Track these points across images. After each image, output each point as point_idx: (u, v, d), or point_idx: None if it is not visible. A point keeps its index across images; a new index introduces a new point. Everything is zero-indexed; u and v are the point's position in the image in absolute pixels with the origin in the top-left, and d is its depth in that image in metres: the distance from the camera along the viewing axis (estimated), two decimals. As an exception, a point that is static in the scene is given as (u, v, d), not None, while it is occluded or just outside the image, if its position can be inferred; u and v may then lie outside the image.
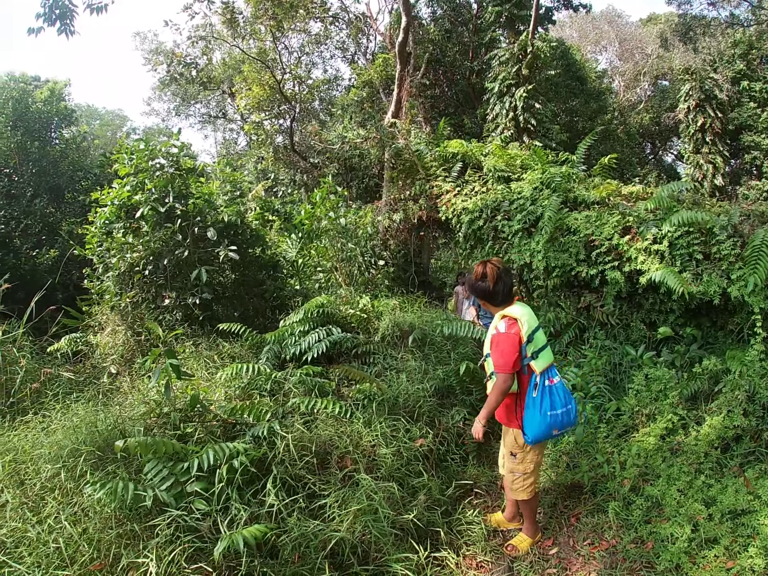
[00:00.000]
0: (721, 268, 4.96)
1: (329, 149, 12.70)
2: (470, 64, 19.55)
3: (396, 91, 10.62)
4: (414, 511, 3.54)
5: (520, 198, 6.64)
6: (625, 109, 26.12)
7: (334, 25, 20.38)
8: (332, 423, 4.22)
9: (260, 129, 14.61)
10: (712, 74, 18.57)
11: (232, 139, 30.35)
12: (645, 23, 33.45)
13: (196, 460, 3.33)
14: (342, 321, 6.21)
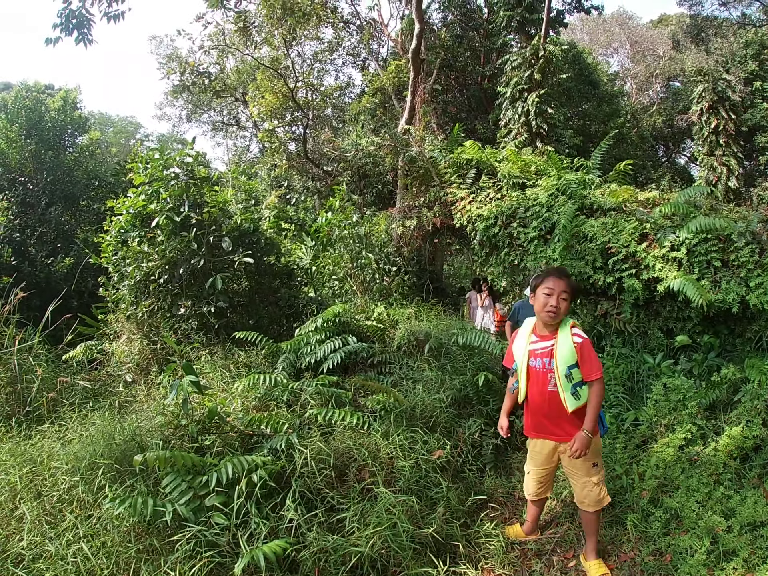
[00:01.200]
0: (740, 275, 4.91)
1: (343, 156, 12.71)
2: (482, 68, 19.58)
3: (410, 97, 10.63)
4: (433, 525, 3.50)
5: (536, 205, 6.61)
6: (637, 112, 25.98)
7: (345, 31, 20.45)
8: (350, 435, 4.19)
9: (273, 137, 14.67)
10: (725, 75, 18.41)
11: (245, 147, 30.50)
12: (656, 25, 33.27)
13: (215, 473, 3.31)
14: (357, 330, 6.20)
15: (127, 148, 31.26)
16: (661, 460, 4.08)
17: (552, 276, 3.26)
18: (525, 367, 3.36)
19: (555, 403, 3.28)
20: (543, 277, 3.32)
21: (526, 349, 3.37)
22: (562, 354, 3.22)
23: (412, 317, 6.75)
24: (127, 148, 30.73)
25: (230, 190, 7.89)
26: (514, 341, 3.56)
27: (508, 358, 3.61)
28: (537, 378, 3.33)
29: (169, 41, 26.68)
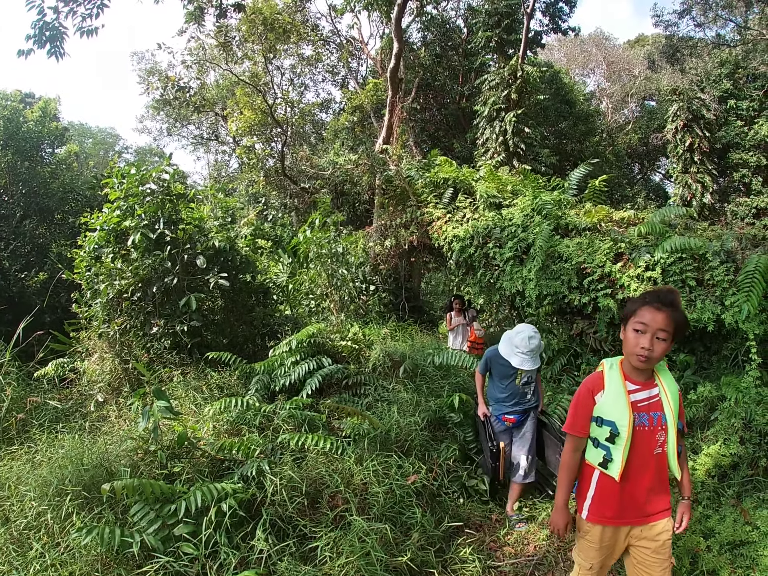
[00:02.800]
0: (715, 294, 4.93)
1: (320, 174, 12.71)
2: (460, 88, 19.79)
3: (387, 117, 10.66)
4: (408, 553, 3.43)
5: (511, 225, 6.63)
6: (613, 131, 26.48)
7: (325, 48, 20.56)
8: (323, 460, 4.11)
9: (251, 153, 14.63)
10: (699, 94, 18.80)
11: (224, 162, 30.38)
12: (632, 45, 33.97)
13: (183, 502, 3.22)
14: (332, 350, 6.12)
15: (105, 160, 30.95)
16: (639, 479, 4.06)
17: (648, 307, 2.31)
18: (630, 428, 2.38)
19: (660, 471, 2.47)
20: (637, 305, 2.38)
21: (627, 403, 2.39)
22: (672, 404, 2.44)
23: (387, 337, 6.70)
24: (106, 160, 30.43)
25: (207, 207, 7.80)
26: (580, 400, 2.53)
27: (579, 423, 2.51)
28: (643, 440, 2.40)
29: (150, 56, 26.62)
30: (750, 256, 4.82)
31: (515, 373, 4.35)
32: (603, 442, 2.45)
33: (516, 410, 4.42)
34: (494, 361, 4.46)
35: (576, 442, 2.55)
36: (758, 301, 4.38)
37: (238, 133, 15.55)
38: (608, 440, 2.43)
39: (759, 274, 4.43)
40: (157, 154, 31.66)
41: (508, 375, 4.39)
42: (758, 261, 4.53)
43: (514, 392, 4.41)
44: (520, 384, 4.39)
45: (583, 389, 2.54)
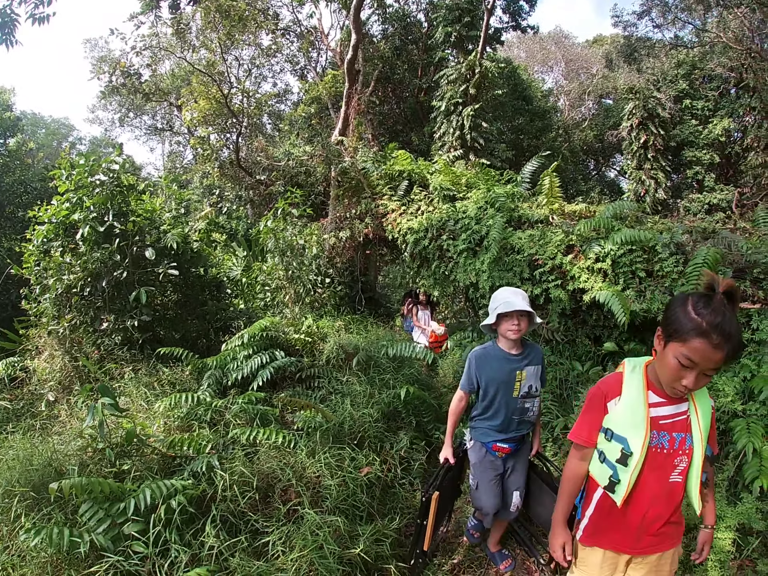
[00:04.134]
0: (664, 285, 4.99)
1: (275, 166, 12.53)
2: (419, 81, 19.83)
3: (344, 108, 10.58)
4: (361, 545, 3.41)
5: (465, 217, 6.64)
6: (569, 127, 26.93)
7: (285, 38, 20.29)
8: (275, 454, 4.08)
9: (206, 143, 14.33)
10: (656, 93, 19.33)
11: (179, 153, 29.70)
12: (591, 44, 34.59)
13: (132, 500, 3.18)
14: (286, 344, 6.06)
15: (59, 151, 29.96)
16: (591, 467, 4.13)
17: (704, 341, 1.76)
18: (644, 449, 2.00)
19: (674, 500, 2.10)
20: (690, 331, 1.79)
21: (646, 416, 2.00)
22: (702, 426, 2.03)
23: (341, 329, 6.67)
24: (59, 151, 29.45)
25: (160, 199, 7.61)
26: (590, 404, 2.16)
27: (585, 431, 2.18)
28: (657, 464, 2.04)
29: (104, 43, 25.86)
30: (699, 248, 4.89)
31: (513, 376, 3.15)
32: (611, 460, 2.09)
33: (512, 437, 3.28)
34: (483, 362, 3.23)
35: (581, 451, 2.22)
36: None
37: (192, 123, 15.21)
38: (619, 461, 2.05)
39: (707, 266, 4.48)
40: (111, 145, 30.79)
41: (504, 381, 3.16)
42: (707, 253, 4.58)
43: (510, 410, 3.21)
44: (519, 396, 3.18)
45: (595, 392, 2.15)
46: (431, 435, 5.23)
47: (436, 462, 5.15)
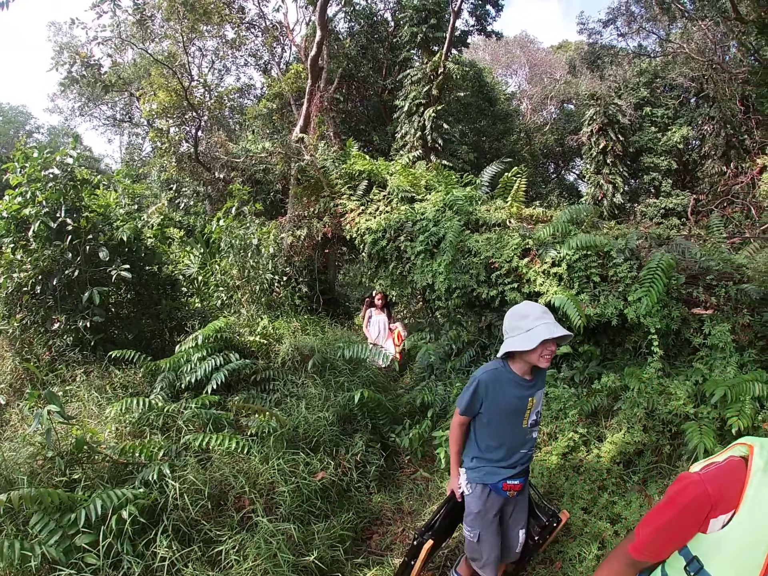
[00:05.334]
0: (618, 290, 5.06)
1: (233, 162, 12.34)
2: (383, 81, 19.79)
3: (305, 105, 10.46)
4: (315, 553, 3.41)
5: (423, 219, 6.65)
6: (531, 131, 27.33)
7: (250, 32, 19.99)
8: (228, 460, 4.02)
9: (164, 137, 13.99)
10: (617, 100, 19.77)
11: (138, 145, 28.92)
12: (556, 50, 35.09)
13: (83, 511, 3.11)
14: (241, 345, 5.96)
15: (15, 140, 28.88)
16: (545, 468, 4.15)
17: None
18: None
19: None
20: None
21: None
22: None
23: (298, 330, 6.59)
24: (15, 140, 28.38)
25: (114, 193, 7.38)
26: (678, 510, 1.37)
27: (657, 543, 1.43)
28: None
29: (68, 29, 24.99)
30: (653, 254, 4.98)
31: (525, 403, 2.75)
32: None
33: (520, 471, 2.87)
34: (495, 387, 2.72)
35: (629, 562, 1.52)
36: (659, 297, 4.53)
37: (151, 116, 14.84)
38: None
39: (661, 272, 4.57)
40: (70, 134, 29.82)
41: (515, 410, 2.75)
42: (660, 259, 4.66)
43: (518, 441, 2.82)
44: (528, 425, 2.80)
45: (695, 492, 1.33)
46: (387, 438, 5.22)
47: (393, 464, 5.17)
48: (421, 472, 4.99)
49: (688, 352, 4.80)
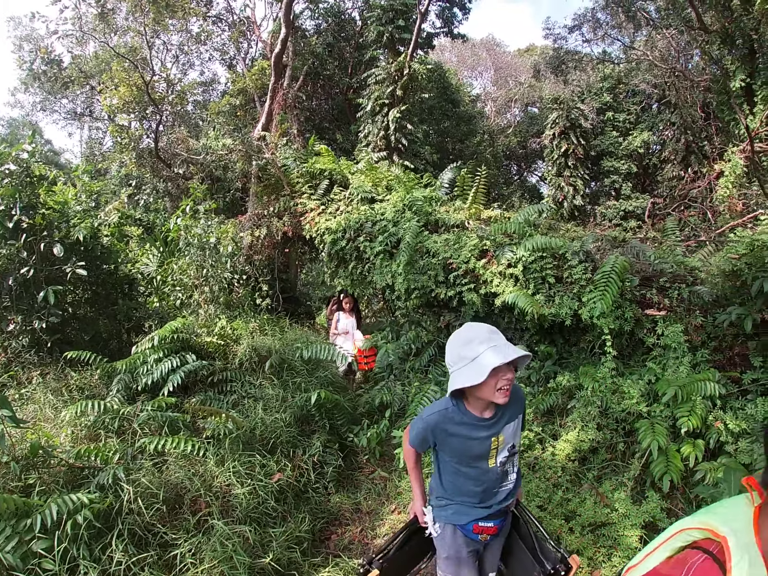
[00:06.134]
0: (573, 291, 5.15)
1: (193, 159, 12.16)
2: (348, 80, 19.75)
3: (268, 102, 10.38)
4: (271, 555, 3.41)
5: (383, 219, 6.67)
6: (494, 132, 27.64)
7: (216, 26, 19.73)
8: (184, 463, 3.98)
9: (124, 132, 13.71)
10: (579, 105, 20.16)
11: (98, 139, 28.16)
12: (522, 53, 35.51)
13: (39, 516, 3.07)
14: (198, 346, 5.88)
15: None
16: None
17: None
18: None
19: None
20: None
21: None
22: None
23: (256, 331, 6.53)
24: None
25: (72, 190, 7.20)
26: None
27: None
28: None
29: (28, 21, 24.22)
30: (608, 257, 5.06)
31: (488, 445, 2.27)
32: None
33: (496, 511, 2.39)
34: (442, 433, 2.29)
35: None
36: (613, 299, 4.60)
37: (111, 110, 14.52)
38: None
39: (615, 274, 4.64)
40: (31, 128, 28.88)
41: (475, 455, 2.29)
42: (615, 262, 4.75)
43: (488, 480, 2.34)
44: (497, 465, 2.31)
45: None
46: (345, 438, 5.24)
47: (351, 464, 5.19)
48: (379, 472, 5.03)
49: (641, 352, 4.90)
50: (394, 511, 4.43)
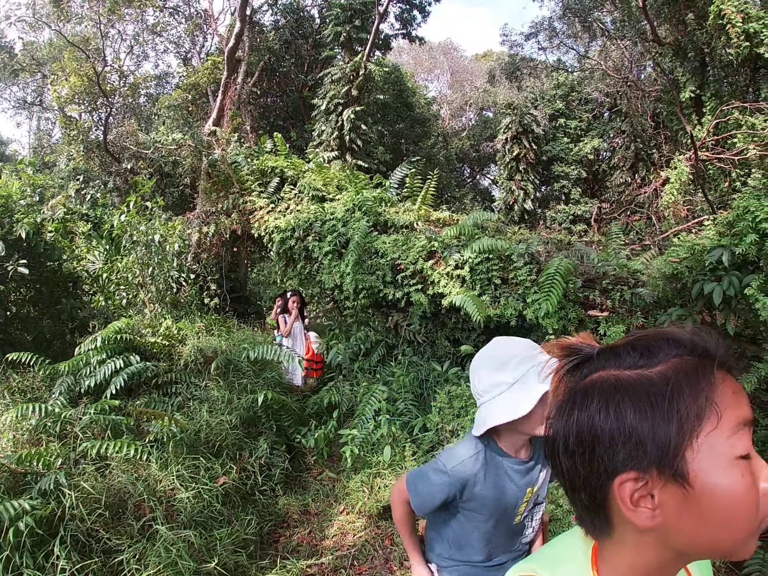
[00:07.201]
0: (518, 292, 5.26)
1: (141, 153, 11.90)
2: (304, 78, 19.66)
3: (220, 97, 10.20)
4: (216, 559, 3.39)
5: (332, 219, 6.67)
6: (448, 135, 27.97)
7: (173, 18, 19.32)
8: (127, 468, 3.90)
9: (73, 124, 13.28)
10: (532, 110, 20.52)
11: (47, 130, 27.21)
12: (479, 58, 36.07)
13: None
14: (143, 347, 5.74)
15: None
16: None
17: (726, 382, 0.74)
18: None
19: None
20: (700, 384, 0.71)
21: None
22: None
23: (202, 331, 6.44)
24: None
25: (17, 183, 6.96)
26: None
27: None
28: None
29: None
30: (553, 259, 5.16)
31: (523, 495, 1.77)
32: None
33: (502, 562, 1.90)
34: (474, 482, 1.71)
35: None
36: (557, 300, 4.71)
37: (60, 101, 14.04)
38: None
39: (559, 276, 4.75)
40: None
41: (506, 508, 1.77)
42: (559, 264, 4.85)
43: (505, 540, 1.87)
44: (521, 519, 1.84)
45: None
46: (293, 439, 5.24)
47: (299, 466, 5.19)
48: (327, 473, 5.04)
49: (586, 351, 5.06)
50: (343, 512, 4.44)
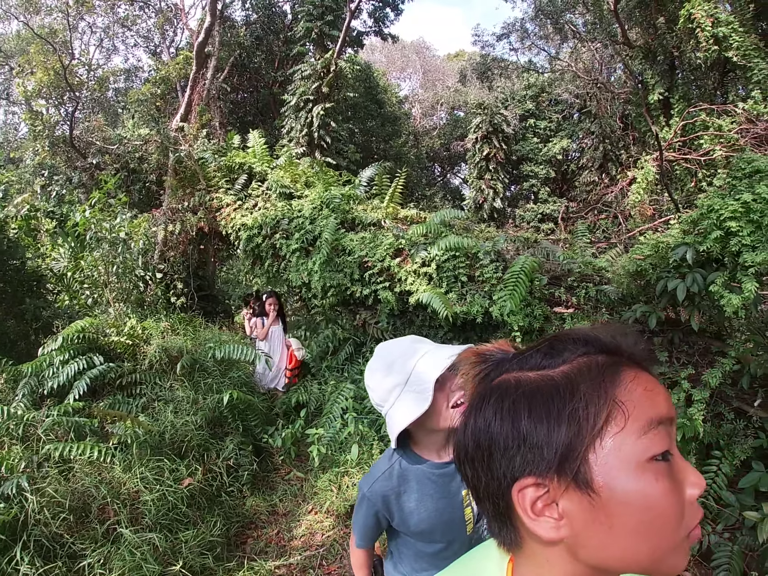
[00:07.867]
0: (484, 289, 5.30)
1: (107, 148, 11.67)
2: (275, 74, 19.54)
3: (188, 93, 10.08)
4: (181, 561, 3.37)
5: (300, 216, 6.64)
6: (419, 134, 28.10)
7: (143, 11, 18.96)
8: (90, 470, 3.84)
9: (39, 118, 12.95)
10: (503, 111, 20.73)
11: (14, 125, 26.41)
12: (451, 58, 36.21)
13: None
14: (107, 347, 5.64)
15: None
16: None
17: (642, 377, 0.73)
18: None
19: None
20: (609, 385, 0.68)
21: None
22: None
23: (167, 331, 6.35)
24: None
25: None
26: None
27: None
28: None
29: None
30: (518, 257, 5.21)
31: (459, 500, 1.61)
32: None
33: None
34: (394, 499, 1.60)
35: None
36: (521, 297, 4.76)
37: (26, 95, 13.68)
38: None
39: (524, 274, 4.79)
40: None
41: (448, 520, 1.60)
42: (524, 262, 4.90)
43: (460, 551, 1.53)
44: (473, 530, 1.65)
45: None
46: (260, 439, 5.22)
47: (266, 466, 5.18)
48: (294, 473, 5.04)
49: (551, 348, 5.14)
50: (311, 512, 4.45)
